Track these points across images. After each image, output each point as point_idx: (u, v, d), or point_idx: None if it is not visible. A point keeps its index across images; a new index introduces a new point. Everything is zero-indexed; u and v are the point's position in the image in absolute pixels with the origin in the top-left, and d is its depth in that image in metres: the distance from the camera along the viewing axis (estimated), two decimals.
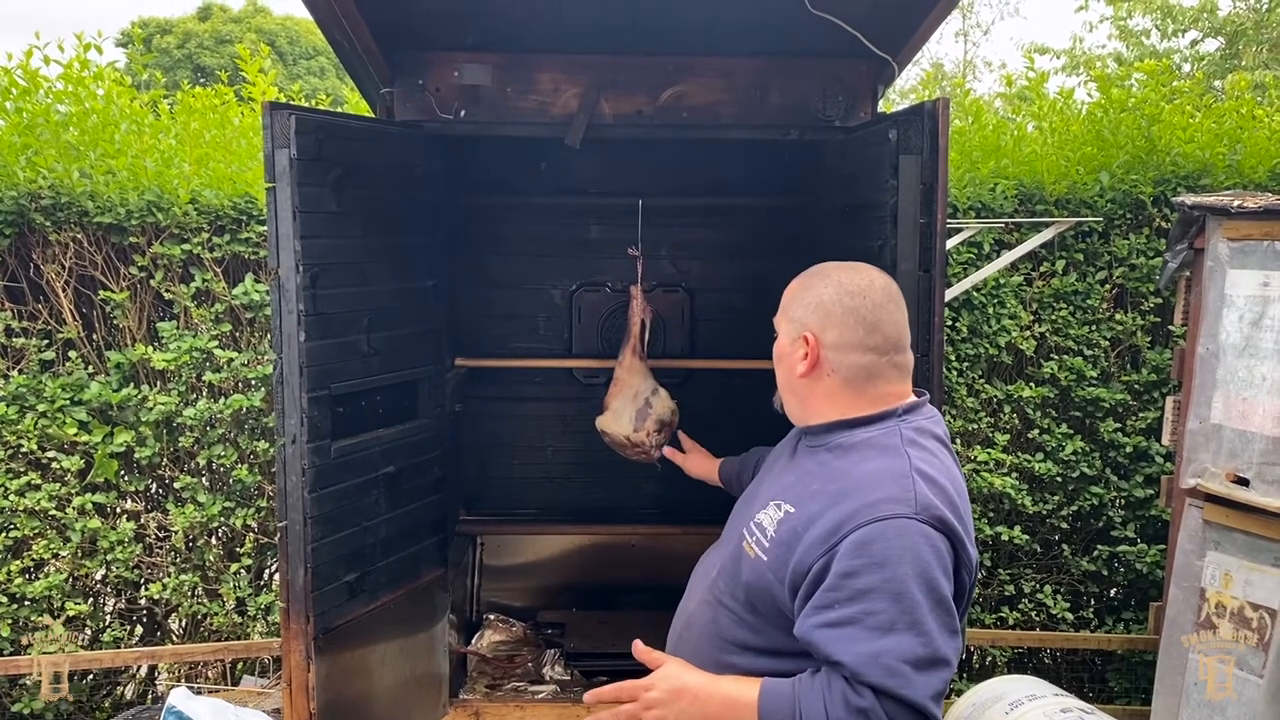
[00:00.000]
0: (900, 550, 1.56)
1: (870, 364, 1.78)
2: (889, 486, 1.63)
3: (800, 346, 1.82)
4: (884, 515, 1.59)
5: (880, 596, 1.54)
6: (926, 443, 1.75)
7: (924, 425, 1.79)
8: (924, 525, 1.59)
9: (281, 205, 2.63)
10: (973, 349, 4.40)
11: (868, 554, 1.56)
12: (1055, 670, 4.65)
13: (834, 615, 1.57)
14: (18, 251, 4.07)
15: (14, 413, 4.02)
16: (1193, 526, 3.47)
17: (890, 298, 1.81)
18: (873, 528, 1.58)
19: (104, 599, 4.41)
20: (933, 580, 1.56)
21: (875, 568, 1.55)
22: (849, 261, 1.90)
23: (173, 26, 25.33)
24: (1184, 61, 13.21)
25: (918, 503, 1.60)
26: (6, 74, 4.28)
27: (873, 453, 1.72)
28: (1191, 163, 4.49)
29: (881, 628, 1.53)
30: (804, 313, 1.83)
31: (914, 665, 1.52)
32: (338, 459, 2.88)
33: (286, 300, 2.66)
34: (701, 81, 3.02)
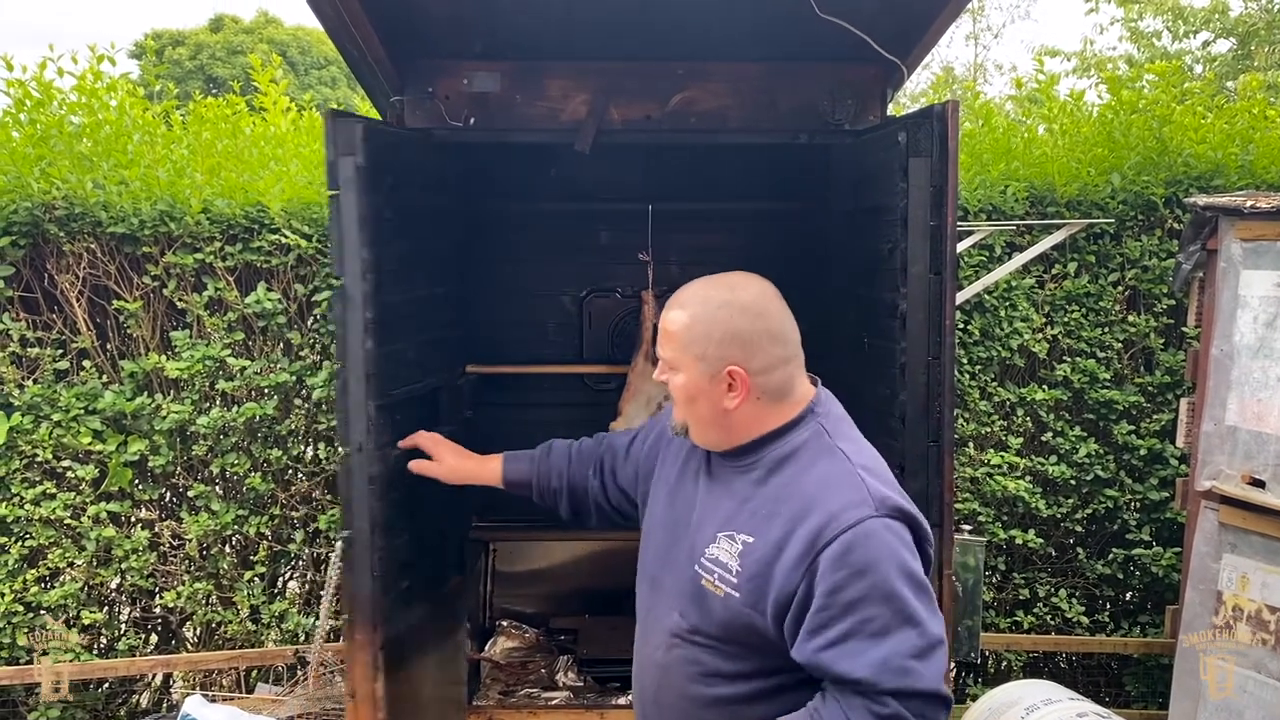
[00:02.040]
0: (876, 552, 1.59)
1: (787, 374, 1.79)
2: (844, 492, 1.65)
3: (723, 382, 1.76)
4: (852, 522, 1.60)
5: (871, 603, 1.56)
6: (848, 431, 1.80)
7: (836, 413, 1.82)
8: (886, 519, 1.62)
9: (346, 213, 2.57)
10: (985, 352, 4.38)
11: (848, 564, 1.58)
12: (1071, 674, 4.62)
13: (833, 633, 1.57)
14: (32, 262, 4.10)
15: (29, 422, 4.04)
16: (1208, 529, 3.45)
17: (779, 299, 1.82)
18: (845, 538, 1.59)
19: (119, 607, 4.43)
20: (909, 569, 1.60)
21: (859, 576, 1.57)
22: (715, 277, 1.86)
23: (185, 38, 25.49)
24: (1196, 63, 13.17)
25: (875, 499, 1.63)
26: (21, 86, 4.31)
27: (808, 458, 1.72)
28: (1204, 163, 4.47)
29: (881, 632, 1.55)
30: (720, 348, 1.76)
31: (918, 657, 1.55)
32: (395, 465, 2.87)
33: (352, 308, 2.61)
34: (710, 86, 3.02)
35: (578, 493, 2.41)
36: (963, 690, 4.57)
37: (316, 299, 4.23)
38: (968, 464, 4.40)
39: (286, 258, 4.19)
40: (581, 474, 2.39)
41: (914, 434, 2.64)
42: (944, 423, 2.61)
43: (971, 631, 3.44)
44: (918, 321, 2.63)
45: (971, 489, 4.41)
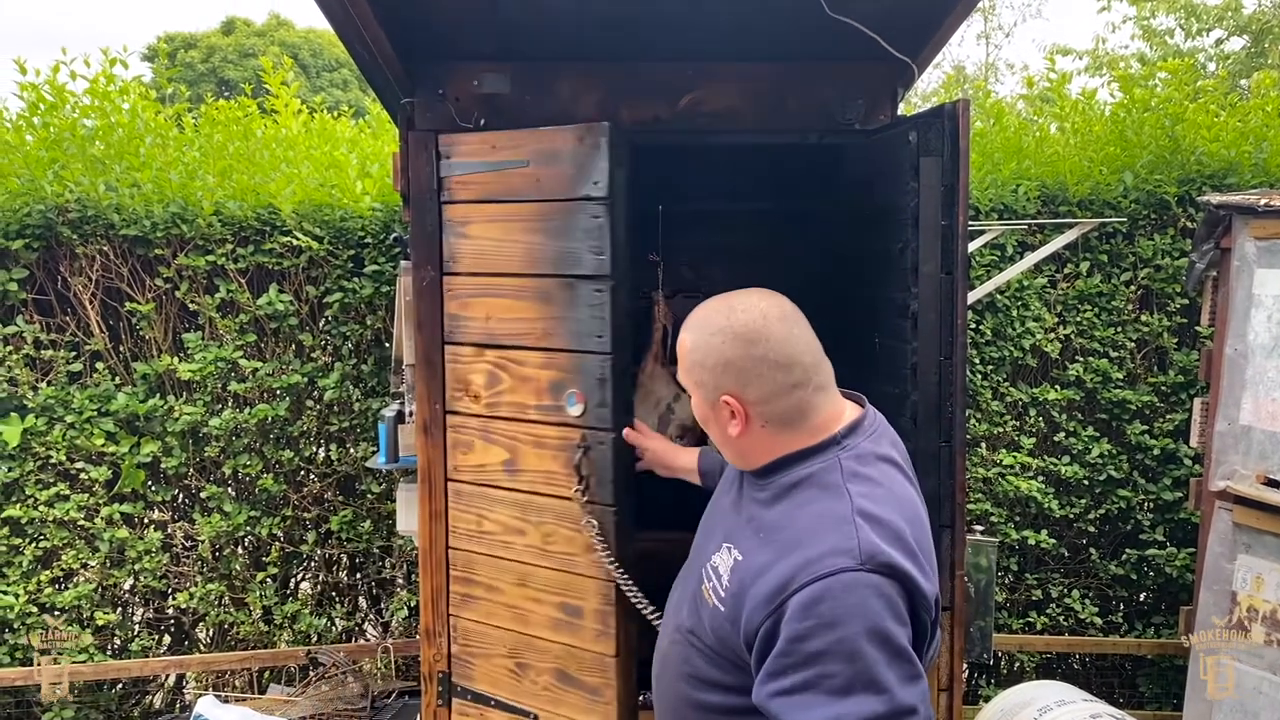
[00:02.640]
0: (849, 607, 1.48)
1: (798, 401, 1.69)
2: (832, 537, 1.54)
3: (724, 409, 1.71)
4: (829, 571, 1.50)
5: (834, 658, 1.47)
6: (870, 470, 1.66)
7: (866, 449, 1.70)
8: (871, 575, 1.50)
9: (618, 221, 2.63)
10: (997, 352, 4.37)
11: (816, 615, 1.49)
12: (1085, 675, 4.60)
13: (788, 682, 1.50)
14: (45, 264, 4.13)
15: (43, 424, 4.06)
16: (1223, 529, 3.43)
17: (788, 321, 1.72)
18: (818, 586, 1.50)
19: (132, 608, 4.45)
20: (885, 633, 1.48)
21: (825, 629, 1.48)
22: (730, 296, 1.79)
23: (197, 41, 25.63)
24: (1208, 60, 13.10)
25: (862, 551, 1.52)
26: (34, 89, 4.34)
27: (814, 493, 1.64)
28: (1217, 162, 4.45)
29: (839, 691, 1.46)
30: (713, 376, 1.71)
31: None
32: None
33: (621, 307, 2.66)
34: (720, 86, 3.01)
35: None
36: (975, 691, 4.56)
37: (328, 300, 4.24)
38: (980, 464, 4.39)
39: (298, 259, 4.21)
40: None
41: (926, 434, 2.63)
42: (956, 423, 2.60)
43: (984, 632, 3.43)
44: (929, 321, 2.61)
45: (984, 489, 4.39)
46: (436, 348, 2.96)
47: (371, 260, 4.25)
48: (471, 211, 2.86)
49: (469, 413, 2.93)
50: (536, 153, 2.72)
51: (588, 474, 2.66)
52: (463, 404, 2.94)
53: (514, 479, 2.84)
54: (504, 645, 2.92)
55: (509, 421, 2.84)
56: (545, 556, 2.80)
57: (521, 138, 2.75)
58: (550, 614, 2.80)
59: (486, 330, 2.85)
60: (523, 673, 2.89)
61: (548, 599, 2.80)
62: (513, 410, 2.83)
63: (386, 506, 4.40)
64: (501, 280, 2.81)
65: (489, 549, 2.92)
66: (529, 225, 2.74)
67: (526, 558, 2.83)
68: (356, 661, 4.33)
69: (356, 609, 4.68)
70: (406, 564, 4.57)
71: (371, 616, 4.73)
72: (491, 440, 2.88)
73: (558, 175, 2.69)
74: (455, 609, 3.02)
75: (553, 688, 2.83)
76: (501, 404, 2.85)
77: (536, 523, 2.80)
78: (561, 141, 2.68)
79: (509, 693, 2.93)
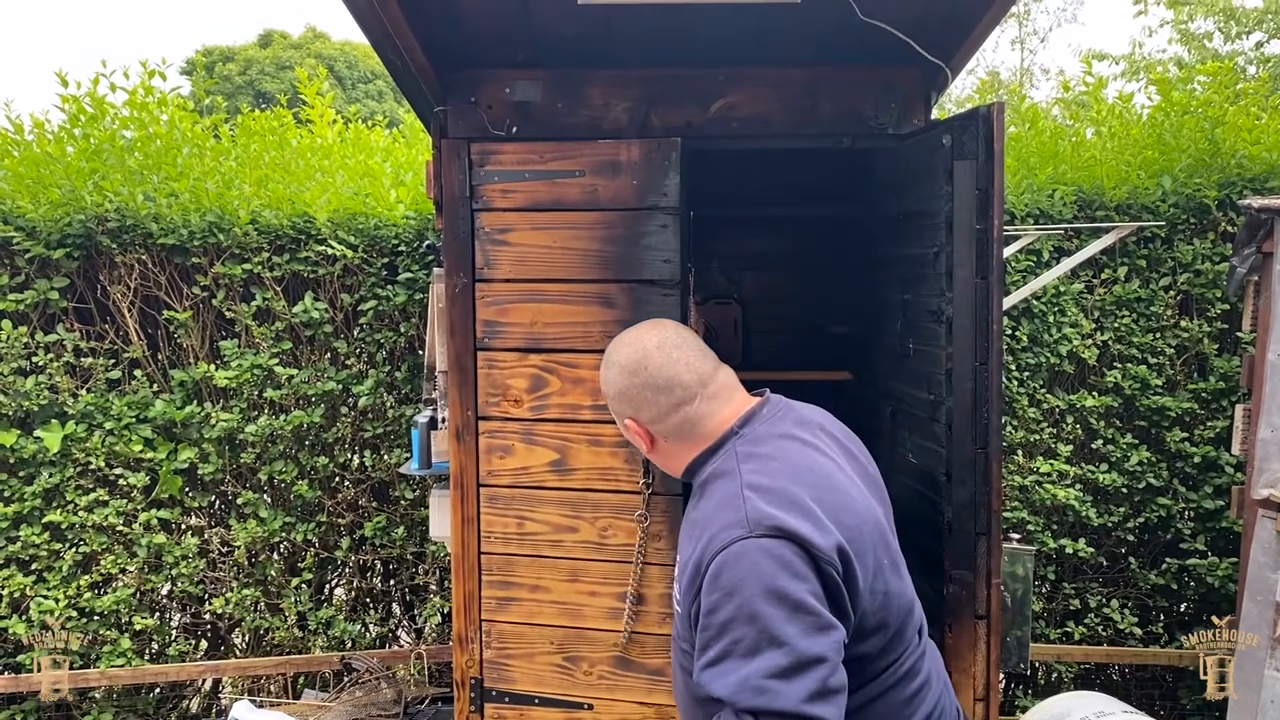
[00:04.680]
0: (743, 573, 1.59)
1: (688, 415, 1.87)
2: (725, 513, 1.68)
3: (631, 430, 1.94)
4: (724, 544, 1.62)
5: (739, 623, 1.57)
6: (764, 449, 1.79)
7: (761, 431, 1.84)
8: (760, 539, 1.60)
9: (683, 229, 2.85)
10: (1033, 358, 4.32)
11: (719, 586, 1.60)
12: (1124, 687, 4.53)
13: (710, 654, 1.60)
14: (85, 273, 4.19)
15: (83, 430, 4.12)
16: (1266, 538, 3.37)
17: (666, 348, 1.89)
18: (718, 559, 1.62)
19: (170, 613, 4.49)
20: (781, 590, 1.57)
21: (727, 598, 1.59)
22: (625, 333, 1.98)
23: (235, 54, 25.95)
24: (1249, 64, 12.92)
25: (750, 520, 1.63)
26: (75, 102, 4.41)
27: (717, 483, 1.78)
28: (1258, 165, 4.38)
29: (748, 652, 1.55)
30: (615, 404, 1.95)
31: (780, 676, 1.53)
32: None
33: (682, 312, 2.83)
34: (751, 91, 3.01)
35: None
36: (1012, 702, 4.50)
37: (362, 308, 4.28)
38: (1016, 472, 4.34)
39: (333, 268, 4.24)
40: None
41: (961, 440, 2.60)
42: (992, 429, 2.57)
43: (1021, 642, 3.38)
44: (964, 327, 2.59)
45: (1020, 497, 4.34)
46: (469, 354, 2.99)
47: (405, 268, 4.28)
48: (514, 219, 2.94)
49: (507, 417, 2.97)
50: (593, 164, 2.88)
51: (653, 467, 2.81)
52: (500, 409, 2.97)
53: (564, 479, 2.96)
54: (550, 642, 3.00)
55: (558, 423, 2.95)
56: (601, 550, 2.93)
57: (573, 149, 2.90)
58: (608, 604, 2.93)
59: (531, 335, 2.95)
60: (574, 666, 2.98)
61: (604, 590, 2.93)
62: (563, 411, 2.94)
63: (420, 513, 4.43)
64: (549, 286, 2.93)
65: (534, 549, 3.00)
66: (586, 233, 2.89)
67: (579, 553, 2.96)
68: (390, 667, 4.34)
69: (390, 615, 4.70)
70: (440, 570, 4.58)
71: (405, 623, 4.75)
72: (536, 442, 2.97)
73: (620, 186, 2.87)
74: (490, 614, 3.05)
75: (609, 675, 2.95)
76: (550, 406, 2.95)
77: (592, 518, 2.93)
78: (625, 154, 2.86)
79: (557, 688, 3.01)
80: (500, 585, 3.03)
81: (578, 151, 2.88)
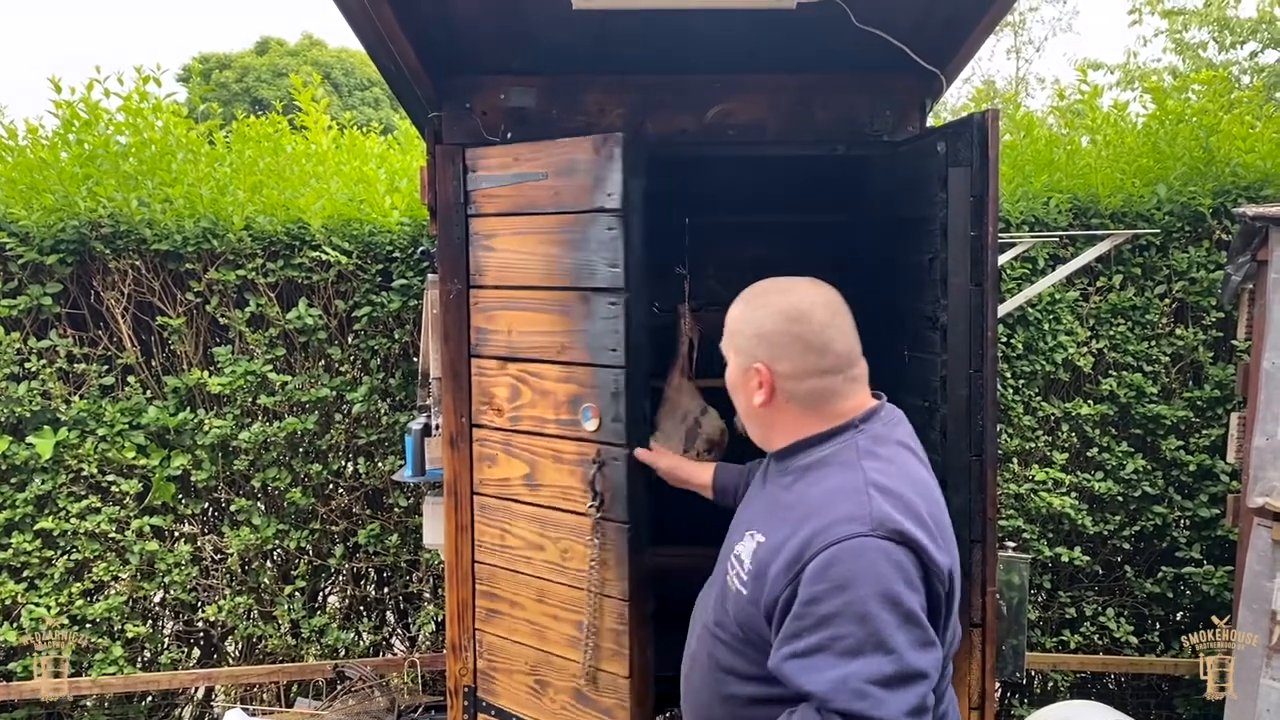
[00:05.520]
0: (860, 570, 1.53)
1: (826, 385, 1.77)
2: (844, 505, 1.61)
3: (753, 377, 1.80)
4: (841, 537, 1.56)
5: (845, 620, 1.51)
6: (884, 450, 1.73)
7: (881, 433, 1.77)
8: (882, 541, 1.55)
9: (632, 233, 2.66)
10: (1028, 366, 4.32)
11: (828, 578, 1.53)
12: (1120, 695, 4.52)
13: (801, 645, 1.54)
14: (79, 279, 4.17)
15: (75, 437, 4.10)
16: (1261, 547, 3.36)
17: (834, 313, 1.80)
18: (831, 551, 1.55)
19: (162, 621, 4.47)
20: (896, 597, 1.52)
21: (837, 591, 1.52)
22: (785, 279, 1.88)
23: (231, 61, 25.95)
24: (1243, 73, 12.95)
25: (873, 518, 1.57)
26: (69, 108, 4.40)
27: (831, 470, 1.71)
28: (1252, 173, 4.38)
29: (849, 652, 1.50)
30: (750, 343, 1.81)
31: (884, 685, 1.48)
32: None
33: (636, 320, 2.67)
34: (747, 98, 3.01)
35: None
36: (1008, 711, 4.49)
37: (356, 314, 4.27)
38: (1012, 480, 4.33)
39: (327, 274, 4.23)
40: None
41: (955, 448, 2.59)
42: (986, 437, 2.56)
43: (1016, 650, 3.37)
44: (959, 334, 2.59)
45: (1016, 505, 4.33)
46: (463, 361, 2.97)
47: (399, 274, 4.27)
48: (497, 225, 2.88)
49: (493, 426, 2.93)
50: (554, 164, 2.75)
51: (602, 490, 2.66)
52: (487, 417, 2.94)
53: (534, 493, 2.85)
54: (526, 661, 2.92)
55: (529, 435, 2.85)
56: (562, 573, 2.80)
57: (540, 149, 2.78)
58: (567, 631, 2.80)
59: (509, 343, 2.87)
60: (542, 690, 2.88)
61: (565, 616, 2.80)
62: (533, 424, 2.84)
63: (414, 520, 4.41)
64: (522, 293, 2.84)
65: (511, 563, 2.93)
66: (548, 237, 2.77)
67: (545, 573, 2.84)
68: (383, 676, 4.32)
69: (384, 623, 4.68)
70: (433, 578, 4.57)
71: (399, 631, 4.73)
72: (513, 454, 2.89)
73: (575, 187, 2.71)
74: (481, 623, 3.02)
75: (570, 708, 2.82)
76: (523, 418, 2.85)
77: (555, 538, 2.81)
78: (579, 152, 2.70)
79: (531, 710, 2.92)
80: (489, 596, 3.00)
81: (542, 152, 2.78)
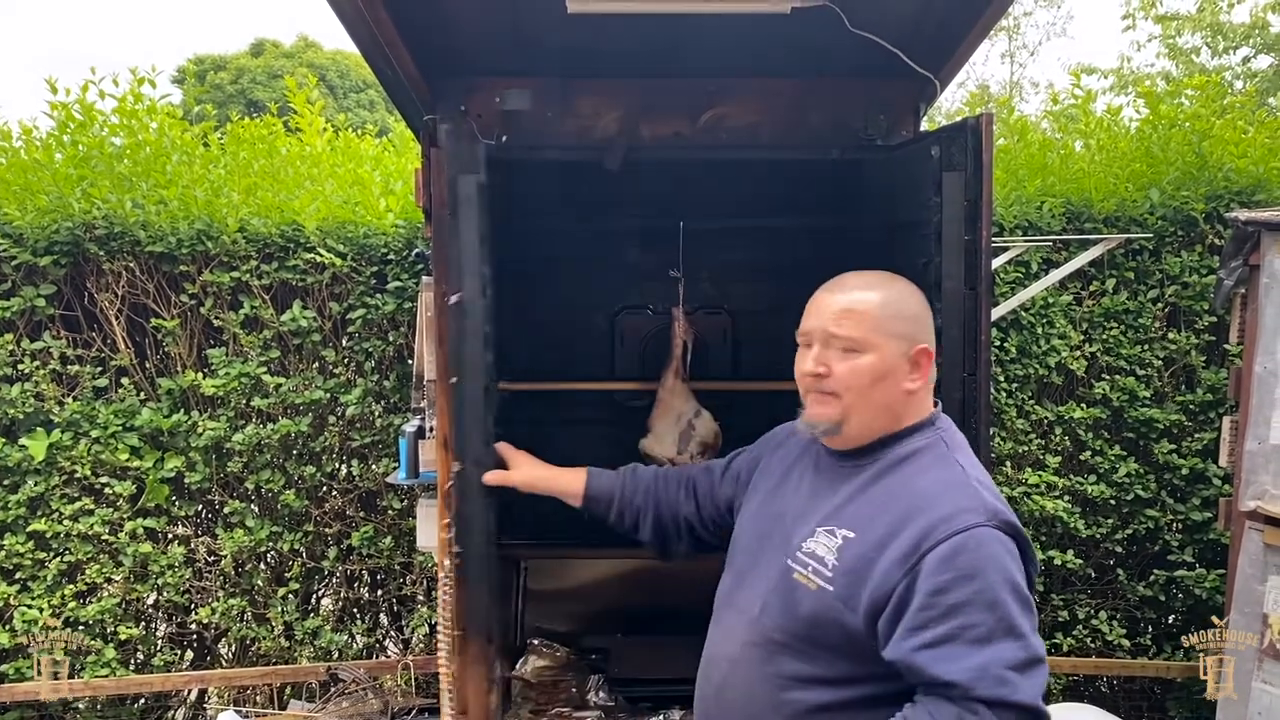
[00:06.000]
0: (985, 559, 1.58)
1: (932, 374, 1.84)
2: (958, 498, 1.66)
3: (912, 362, 1.79)
4: (963, 527, 1.60)
5: (975, 608, 1.55)
6: (965, 450, 1.80)
7: (955, 430, 1.84)
8: (997, 531, 1.61)
9: (466, 230, 2.64)
10: (1022, 369, 4.33)
11: (955, 567, 1.57)
12: (1112, 699, 4.53)
13: (930, 635, 1.56)
14: (73, 280, 4.17)
15: (68, 439, 4.09)
16: (1253, 550, 3.37)
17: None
18: (954, 541, 1.59)
19: (155, 623, 4.46)
20: (1017, 584, 1.59)
21: (965, 580, 1.56)
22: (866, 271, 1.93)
23: (226, 63, 25.91)
24: (1236, 79, 13.01)
25: (987, 510, 1.63)
26: (64, 109, 4.39)
27: (924, 463, 1.74)
28: (1245, 178, 4.40)
29: (981, 639, 1.54)
30: (911, 327, 1.80)
31: (1018, 670, 1.53)
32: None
33: (472, 321, 2.67)
34: (741, 102, 3.01)
35: (665, 514, 2.34)
36: None
37: (351, 317, 4.26)
38: (1005, 483, 4.34)
39: (322, 276, 4.23)
40: (670, 495, 2.34)
41: None
42: (980, 440, 2.57)
43: None
44: (952, 337, 2.59)
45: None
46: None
47: (394, 276, 4.27)
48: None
49: None
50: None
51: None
52: None
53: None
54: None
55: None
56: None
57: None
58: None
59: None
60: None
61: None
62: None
63: (408, 523, 4.40)
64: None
65: None
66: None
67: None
68: (377, 678, 4.32)
69: (377, 625, 4.68)
70: (427, 580, 4.56)
71: (392, 633, 4.73)
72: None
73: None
74: None
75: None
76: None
77: None
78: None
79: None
80: None
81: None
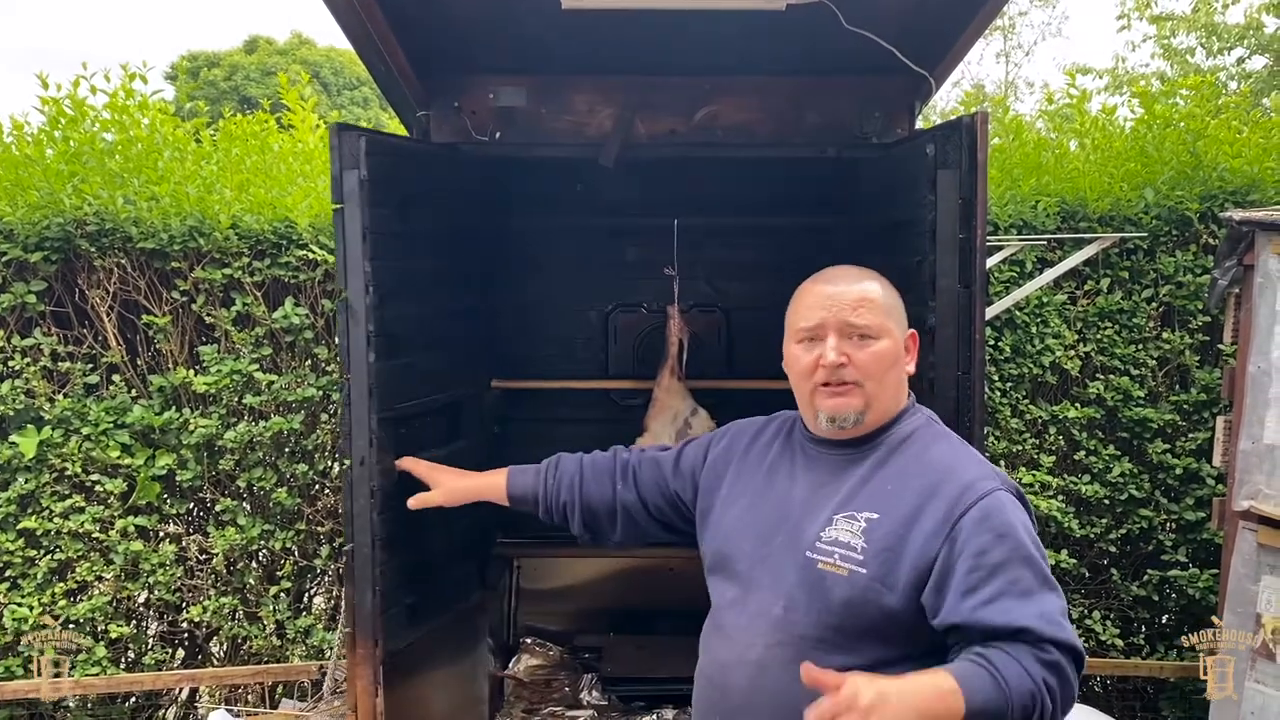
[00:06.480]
0: (1011, 521, 1.72)
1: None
2: (972, 467, 1.80)
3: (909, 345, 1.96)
4: (986, 490, 1.74)
5: (1015, 564, 1.68)
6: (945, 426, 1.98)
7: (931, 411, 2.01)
8: (1011, 495, 1.78)
9: (350, 227, 2.59)
10: (1016, 369, 4.32)
11: (989, 528, 1.70)
12: (1106, 699, 4.53)
13: (986, 593, 1.66)
14: (63, 277, 4.14)
15: (59, 436, 4.07)
16: (1246, 550, 3.37)
17: None
18: (981, 505, 1.72)
19: (146, 621, 4.44)
20: (1037, 541, 1.74)
21: (1000, 540, 1.69)
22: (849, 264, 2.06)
23: (220, 59, 25.83)
24: (1230, 79, 13.03)
25: (998, 476, 1.80)
26: (55, 104, 4.37)
27: (926, 440, 1.87)
28: (1239, 178, 4.41)
29: (1029, 591, 1.66)
30: (902, 314, 1.96)
31: (1062, 615, 1.68)
32: (399, 480, 2.82)
33: (355, 321, 2.62)
34: (736, 100, 3.01)
35: (595, 506, 2.32)
36: None
37: None
38: None
39: (314, 273, 4.21)
40: (601, 486, 2.31)
41: None
42: (974, 439, 2.56)
43: None
44: (946, 336, 2.59)
45: None
46: None
47: None
48: None
49: None
50: None
51: None
52: None
53: None
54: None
55: None
56: None
57: None
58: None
59: None
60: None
61: None
62: None
63: None
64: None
65: None
66: None
67: None
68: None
69: None
70: None
71: None
72: None
73: None
74: None
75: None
76: None
77: None
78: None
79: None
80: None
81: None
